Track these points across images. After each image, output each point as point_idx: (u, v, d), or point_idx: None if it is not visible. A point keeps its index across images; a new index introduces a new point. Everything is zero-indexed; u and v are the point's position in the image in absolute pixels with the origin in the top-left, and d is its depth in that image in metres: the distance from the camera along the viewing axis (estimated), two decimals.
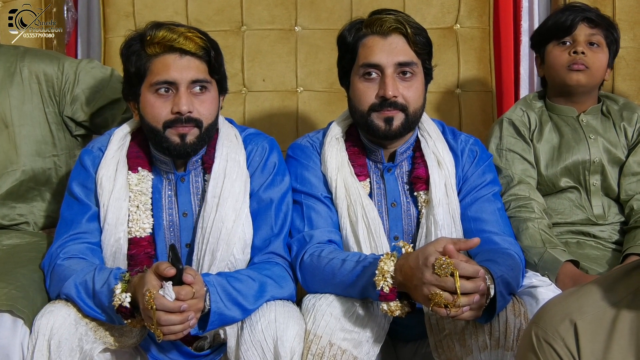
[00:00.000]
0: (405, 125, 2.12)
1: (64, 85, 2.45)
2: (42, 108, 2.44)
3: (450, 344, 1.90)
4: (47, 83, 2.45)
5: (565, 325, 1.36)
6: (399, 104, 2.09)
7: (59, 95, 2.45)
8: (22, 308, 1.96)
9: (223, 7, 3.03)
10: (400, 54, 2.10)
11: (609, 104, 2.52)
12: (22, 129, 2.41)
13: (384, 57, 2.10)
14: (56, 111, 2.46)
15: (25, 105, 2.42)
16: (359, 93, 2.14)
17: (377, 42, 2.12)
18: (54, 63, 2.48)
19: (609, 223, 2.41)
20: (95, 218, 2.11)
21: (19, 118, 2.42)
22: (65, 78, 2.46)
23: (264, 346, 1.88)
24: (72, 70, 2.47)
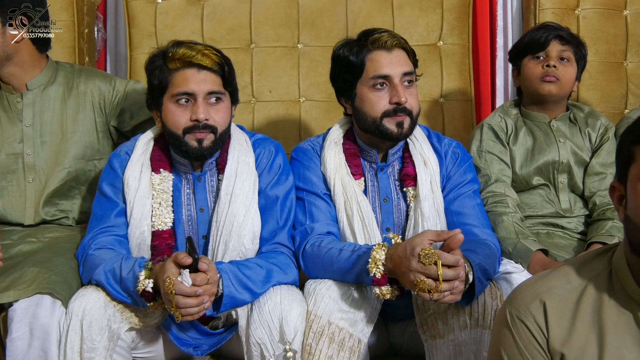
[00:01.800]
0: (411, 127, 2.13)
1: (114, 100, 2.47)
2: (93, 118, 2.45)
3: (434, 322, 1.90)
4: (100, 97, 2.47)
5: (536, 305, 1.37)
6: (407, 109, 2.10)
7: (108, 108, 2.47)
8: (60, 291, 1.97)
9: (234, 27, 3.03)
10: (404, 65, 2.11)
11: (576, 112, 2.53)
12: (74, 135, 2.42)
13: (392, 69, 2.10)
14: (104, 121, 2.47)
15: (79, 115, 2.43)
16: (371, 102, 2.12)
17: (384, 56, 2.11)
18: (107, 81, 2.50)
19: (574, 216, 2.41)
20: (122, 213, 2.11)
21: (73, 125, 2.43)
22: (115, 94, 2.48)
23: (270, 325, 1.89)
24: (122, 87, 2.49)
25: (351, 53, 2.15)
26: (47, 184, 2.41)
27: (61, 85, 2.45)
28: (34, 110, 2.41)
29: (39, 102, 2.42)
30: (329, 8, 3.02)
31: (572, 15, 3.01)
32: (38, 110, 2.41)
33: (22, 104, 2.40)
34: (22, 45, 2.36)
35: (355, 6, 3.01)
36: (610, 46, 3.02)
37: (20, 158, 2.40)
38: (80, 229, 2.42)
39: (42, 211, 2.41)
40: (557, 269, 1.45)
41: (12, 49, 2.35)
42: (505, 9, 3.31)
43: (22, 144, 2.40)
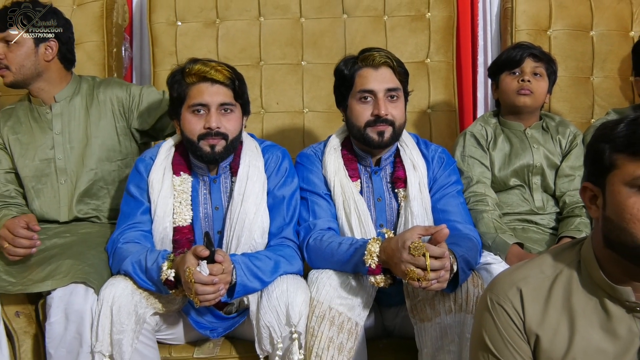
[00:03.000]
0: (393, 136, 2.12)
1: (132, 104, 2.47)
2: (114, 123, 2.45)
3: (423, 307, 1.90)
4: (119, 104, 2.46)
5: (513, 291, 1.37)
6: (388, 120, 2.09)
7: (127, 112, 2.47)
8: (93, 280, 1.99)
9: (245, 46, 3.03)
10: (389, 81, 2.10)
11: (548, 121, 2.52)
12: (97, 140, 2.42)
13: (376, 85, 2.10)
14: (125, 125, 2.47)
15: (101, 121, 2.43)
16: (356, 113, 2.13)
17: (370, 73, 2.11)
18: (123, 88, 2.50)
19: (547, 213, 2.41)
20: (147, 211, 2.12)
21: (96, 131, 2.42)
22: (132, 99, 2.47)
23: (278, 310, 1.90)
24: (137, 93, 2.49)
25: (345, 68, 2.17)
26: (78, 185, 2.40)
27: (84, 97, 2.45)
28: (62, 120, 2.41)
29: (66, 113, 2.42)
30: (329, 30, 3.02)
31: (544, 35, 3.01)
32: (66, 120, 2.41)
33: (51, 114, 2.41)
34: (51, 64, 2.37)
35: (352, 28, 3.01)
36: (578, 63, 3.01)
37: (52, 162, 2.40)
38: (109, 225, 2.43)
39: (75, 209, 2.41)
40: (532, 260, 1.46)
41: (43, 67, 2.35)
42: (485, 30, 3.31)
43: (53, 150, 2.40)
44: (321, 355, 1.86)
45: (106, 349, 1.89)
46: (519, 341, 1.35)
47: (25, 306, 2.16)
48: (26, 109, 2.44)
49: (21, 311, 2.15)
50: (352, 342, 1.89)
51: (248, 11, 3.04)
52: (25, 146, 2.40)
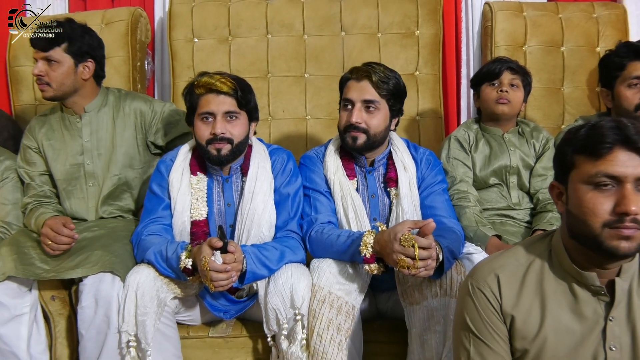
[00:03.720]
0: (367, 143, 2.11)
1: (152, 120, 2.46)
2: (135, 134, 2.44)
3: (412, 292, 1.90)
4: (141, 117, 2.45)
5: (492, 277, 1.38)
6: (361, 128, 2.09)
7: (147, 126, 2.45)
8: (119, 269, 1.99)
9: (254, 61, 3.03)
10: (366, 94, 2.09)
11: (524, 127, 2.52)
12: (121, 149, 2.41)
13: (355, 95, 2.10)
14: (143, 137, 2.46)
15: (125, 132, 2.42)
16: (340, 118, 2.16)
17: (353, 85, 2.12)
18: (147, 103, 2.49)
19: (522, 209, 2.40)
20: (167, 207, 2.12)
21: (120, 140, 2.41)
22: (153, 115, 2.46)
23: (283, 294, 1.91)
24: (159, 109, 2.48)
25: (341, 79, 2.19)
26: (103, 188, 2.40)
27: (111, 108, 2.43)
28: (91, 129, 2.40)
29: (95, 122, 2.40)
30: (329, 46, 3.02)
31: (520, 51, 3.01)
32: (94, 129, 2.40)
33: (81, 123, 2.39)
34: (87, 81, 2.36)
35: (349, 44, 3.01)
36: (551, 75, 3.01)
37: (81, 167, 2.39)
38: (134, 220, 2.43)
39: (100, 210, 2.40)
40: (508, 250, 1.46)
41: (80, 84, 2.35)
42: (468, 46, 3.30)
43: (82, 155, 2.39)
44: (322, 335, 1.86)
45: (132, 329, 1.90)
46: (496, 322, 1.35)
47: (60, 291, 2.17)
48: (58, 118, 2.43)
49: (56, 295, 2.16)
50: (349, 322, 1.89)
51: (257, 29, 3.04)
52: (57, 151, 2.39)
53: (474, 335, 1.37)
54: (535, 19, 3.03)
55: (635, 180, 1.21)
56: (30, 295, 2.10)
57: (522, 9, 3.06)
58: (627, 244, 1.21)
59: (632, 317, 1.30)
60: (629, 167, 1.21)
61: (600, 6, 3.08)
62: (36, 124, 2.44)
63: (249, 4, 3.05)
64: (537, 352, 1.33)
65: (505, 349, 1.35)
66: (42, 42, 2.25)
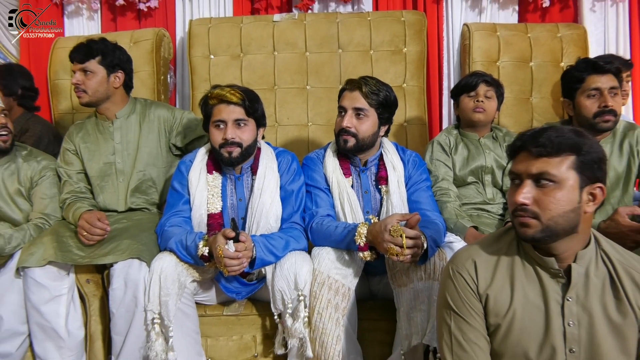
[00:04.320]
0: (356, 145, 2.10)
1: (174, 125, 2.46)
2: (158, 138, 2.44)
3: (400, 276, 1.91)
4: (165, 123, 2.45)
5: (469, 262, 1.38)
6: (351, 132, 2.09)
7: (169, 130, 2.46)
8: (145, 256, 2.01)
9: (263, 74, 3.03)
10: (356, 102, 2.09)
11: (497, 132, 2.51)
12: (146, 149, 2.41)
13: (347, 103, 2.11)
14: (166, 140, 2.46)
15: (150, 135, 2.42)
16: (336, 123, 2.15)
17: (347, 94, 2.13)
18: (169, 111, 2.49)
19: (496, 203, 2.40)
20: (187, 202, 2.12)
21: (145, 142, 2.42)
22: (174, 121, 2.46)
23: (288, 278, 1.92)
24: (179, 116, 2.48)
25: (340, 90, 2.19)
26: (130, 182, 2.40)
27: (138, 115, 2.44)
28: (121, 133, 2.41)
29: (125, 127, 2.41)
30: (328, 61, 3.02)
31: (494, 66, 3.01)
32: (124, 133, 2.41)
33: (112, 128, 2.40)
34: (117, 90, 2.38)
35: (346, 60, 3.01)
36: (521, 87, 3.01)
37: (113, 165, 2.40)
38: (157, 213, 2.43)
39: (129, 201, 2.41)
40: (484, 239, 1.47)
41: (112, 92, 2.37)
42: (449, 62, 3.31)
43: (114, 155, 2.40)
44: (322, 313, 1.87)
45: (156, 308, 1.91)
46: (473, 300, 1.36)
47: (94, 275, 2.17)
48: (93, 123, 2.44)
49: (91, 279, 2.17)
50: (345, 302, 1.90)
51: (265, 47, 3.04)
52: (92, 152, 2.40)
53: (454, 312, 1.37)
54: (507, 38, 3.04)
55: (530, 176, 1.27)
56: (68, 279, 2.10)
57: (496, 30, 3.07)
58: (524, 229, 1.27)
59: (589, 298, 1.30)
60: (523, 166, 1.28)
61: (563, 27, 3.09)
62: (74, 130, 2.45)
63: (258, 25, 3.06)
64: (508, 327, 1.33)
65: (481, 324, 1.35)
66: (79, 55, 2.30)
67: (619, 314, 1.28)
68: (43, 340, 2.07)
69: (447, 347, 1.36)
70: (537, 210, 1.25)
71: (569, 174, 1.24)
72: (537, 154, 1.25)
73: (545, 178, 1.24)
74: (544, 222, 1.24)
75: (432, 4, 3.29)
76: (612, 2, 3.23)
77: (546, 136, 1.25)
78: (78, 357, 2.12)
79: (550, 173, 1.24)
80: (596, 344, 1.28)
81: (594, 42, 3.19)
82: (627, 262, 1.32)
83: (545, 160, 1.25)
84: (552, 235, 1.26)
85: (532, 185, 1.26)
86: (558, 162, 1.24)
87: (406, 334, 1.86)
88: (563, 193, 1.24)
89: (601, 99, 2.16)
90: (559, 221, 1.24)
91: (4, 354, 2.06)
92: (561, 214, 1.24)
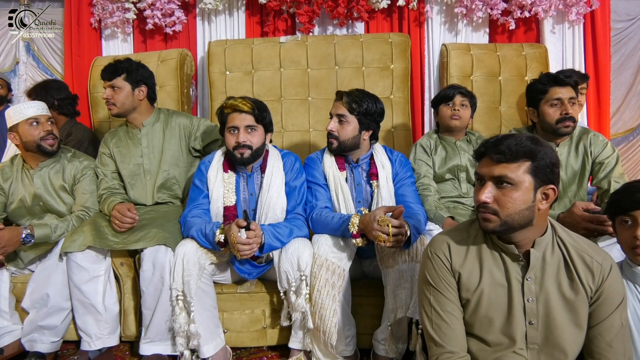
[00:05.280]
0: (339, 147, 2.12)
1: (192, 130, 2.45)
2: (179, 142, 2.43)
3: (387, 259, 1.92)
4: (185, 130, 2.45)
5: (445, 245, 1.39)
6: (333, 134, 2.10)
7: (188, 136, 2.45)
8: (170, 242, 2.01)
9: (271, 88, 3.02)
10: (338, 110, 2.10)
11: (471, 136, 2.51)
12: (169, 152, 2.41)
13: (333, 110, 2.12)
14: (186, 143, 2.45)
15: (172, 140, 2.42)
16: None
17: (334, 103, 2.14)
18: (188, 119, 2.48)
19: (469, 197, 2.39)
20: (206, 196, 2.12)
21: (168, 146, 2.41)
22: (193, 127, 2.46)
23: (292, 261, 1.92)
24: (197, 123, 2.47)
25: None
26: (157, 181, 2.40)
27: (162, 123, 2.44)
28: (148, 138, 2.40)
29: (151, 133, 2.41)
30: (326, 76, 3.01)
31: (468, 79, 3.01)
32: (150, 138, 2.41)
33: (140, 134, 2.40)
34: (142, 102, 2.38)
35: (341, 75, 3.01)
36: (491, 97, 3.01)
37: (141, 166, 2.39)
38: (180, 205, 2.43)
39: (156, 196, 2.41)
40: (456, 226, 1.47)
41: (137, 104, 2.37)
42: (430, 76, 3.31)
43: (142, 158, 2.39)
44: (320, 290, 1.88)
45: (179, 287, 1.92)
46: (448, 276, 1.36)
47: (127, 259, 2.18)
48: (124, 131, 2.45)
49: (124, 262, 2.18)
50: (341, 281, 1.90)
51: (273, 64, 3.04)
52: (123, 155, 2.40)
53: (432, 287, 1.37)
54: (479, 56, 3.03)
55: (491, 178, 1.26)
56: (105, 262, 2.11)
57: (470, 49, 3.06)
58: (485, 223, 1.28)
59: (545, 278, 1.31)
60: (485, 169, 1.27)
61: (527, 46, 3.09)
62: (109, 136, 2.46)
63: (267, 46, 3.06)
64: (477, 301, 1.33)
65: (455, 297, 1.36)
66: (107, 74, 2.32)
67: (572, 291, 1.28)
68: (83, 315, 2.08)
69: (427, 317, 1.36)
70: (496, 208, 1.25)
71: (525, 177, 1.24)
72: (497, 160, 1.25)
73: (504, 181, 1.24)
74: (502, 218, 1.24)
75: (415, 27, 3.29)
76: (569, 25, 3.23)
77: (506, 144, 1.24)
78: (113, 329, 2.13)
79: (508, 177, 1.24)
80: (552, 317, 1.29)
81: (553, 59, 3.18)
82: (580, 246, 1.32)
83: (504, 166, 1.24)
84: (509, 228, 1.26)
85: (493, 186, 1.26)
86: (515, 167, 1.24)
87: (392, 308, 1.87)
88: (519, 194, 1.24)
89: (562, 108, 2.15)
90: (515, 217, 1.24)
91: (51, 326, 2.07)
92: (517, 211, 1.24)
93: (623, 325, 1.26)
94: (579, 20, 3.19)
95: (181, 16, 3.29)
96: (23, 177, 2.29)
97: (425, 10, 3.25)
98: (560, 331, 1.27)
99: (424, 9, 3.25)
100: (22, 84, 3.59)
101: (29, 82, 3.52)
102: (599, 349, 1.26)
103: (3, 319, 2.09)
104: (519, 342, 1.30)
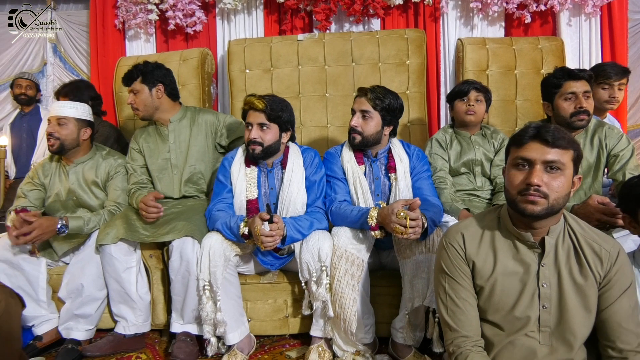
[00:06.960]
0: (361, 142, 2.11)
1: (218, 127, 2.48)
2: (205, 138, 2.46)
3: (404, 250, 1.93)
4: (211, 126, 2.48)
5: (459, 235, 1.41)
6: (357, 130, 2.10)
7: (214, 132, 2.48)
8: (197, 235, 2.05)
9: (289, 85, 3.04)
10: (362, 106, 2.10)
11: (486, 130, 2.50)
12: (195, 147, 2.44)
13: (356, 106, 2.12)
14: (212, 139, 2.48)
15: (198, 136, 2.45)
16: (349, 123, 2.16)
17: (357, 99, 2.13)
18: (214, 115, 2.51)
19: (485, 190, 2.40)
20: (230, 191, 2.15)
21: (195, 142, 2.44)
22: (218, 123, 2.48)
23: (313, 252, 1.94)
24: (222, 119, 2.50)
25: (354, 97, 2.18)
26: (183, 175, 2.43)
27: (188, 120, 2.47)
28: (175, 135, 2.44)
29: (177, 130, 2.45)
30: (343, 73, 3.02)
31: (484, 74, 3.00)
32: (177, 134, 2.44)
33: (167, 131, 2.44)
34: (162, 100, 2.41)
35: (358, 72, 3.02)
36: (507, 91, 3.00)
37: (169, 161, 2.43)
38: (206, 199, 2.46)
39: (182, 190, 2.44)
40: (471, 218, 1.49)
41: (158, 103, 2.41)
42: (445, 71, 3.31)
43: (169, 153, 2.43)
44: (340, 280, 1.90)
45: (206, 277, 1.96)
46: (463, 265, 1.40)
47: (155, 251, 2.24)
48: (153, 128, 2.50)
49: (153, 254, 2.24)
50: (360, 272, 1.93)
51: (291, 62, 3.06)
52: (152, 151, 2.45)
53: (448, 275, 1.41)
54: (495, 50, 3.02)
55: (542, 163, 1.27)
56: (135, 254, 2.18)
57: (485, 43, 3.06)
58: (532, 206, 1.27)
59: (558, 263, 1.34)
60: (537, 153, 1.28)
61: (544, 39, 3.07)
62: (139, 133, 2.52)
63: (285, 44, 3.08)
64: (491, 288, 1.37)
65: (470, 285, 1.39)
66: (126, 80, 2.39)
67: (582, 277, 1.32)
68: (119, 303, 2.16)
69: (443, 304, 1.40)
70: (547, 191, 1.26)
71: (570, 165, 1.29)
72: (553, 145, 1.27)
73: (555, 166, 1.27)
74: (550, 201, 1.26)
75: (430, 22, 3.29)
76: (586, 17, 3.21)
77: (558, 131, 1.28)
78: (146, 316, 2.20)
79: (560, 162, 1.27)
80: (564, 301, 1.32)
81: (569, 52, 3.17)
82: (589, 235, 1.35)
83: (557, 151, 1.27)
84: (550, 212, 1.28)
85: (543, 170, 1.28)
86: (565, 153, 1.28)
87: (409, 297, 1.89)
88: (565, 179, 1.27)
89: (577, 101, 2.15)
90: (560, 202, 1.28)
91: (85, 315, 2.15)
92: (563, 196, 1.27)
93: (631, 307, 1.30)
94: (596, 12, 3.16)
95: (201, 16, 3.36)
96: (60, 173, 2.37)
97: (440, 5, 3.26)
98: (571, 314, 1.31)
99: (440, 4, 3.25)
100: (50, 84, 3.71)
101: (56, 82, 3.65)
102: (611, 330, 1.30)
103: (41, 309, 2.18)
104: (532, 325, 1.33)
